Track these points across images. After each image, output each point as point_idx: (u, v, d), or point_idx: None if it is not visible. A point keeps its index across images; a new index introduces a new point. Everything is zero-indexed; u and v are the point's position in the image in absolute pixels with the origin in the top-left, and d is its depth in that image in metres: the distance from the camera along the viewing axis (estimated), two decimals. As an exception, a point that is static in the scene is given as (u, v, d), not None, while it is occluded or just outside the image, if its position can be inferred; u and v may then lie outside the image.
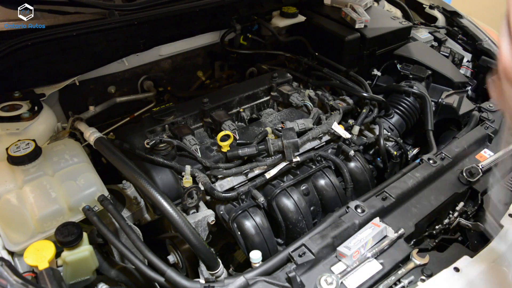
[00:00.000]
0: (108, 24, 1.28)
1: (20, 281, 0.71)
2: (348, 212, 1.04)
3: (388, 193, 1.10)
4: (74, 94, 1.41)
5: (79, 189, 0.97)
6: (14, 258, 0.91)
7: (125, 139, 1.23)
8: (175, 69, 1.70)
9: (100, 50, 1.31)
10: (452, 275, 0.88)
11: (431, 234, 1.10)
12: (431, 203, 1.11)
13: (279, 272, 0.91)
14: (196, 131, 1.37)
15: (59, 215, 0.93)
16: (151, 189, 0.92)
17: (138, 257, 0.89)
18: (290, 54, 1.76)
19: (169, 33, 1.47)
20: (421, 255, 0.92)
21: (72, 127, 1.23)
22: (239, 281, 0.85)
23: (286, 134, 1.20)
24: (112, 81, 1.53)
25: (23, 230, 0.90)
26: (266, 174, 1.20)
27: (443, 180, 1.18)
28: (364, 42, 1.69)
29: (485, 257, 0.93)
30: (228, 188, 1.19)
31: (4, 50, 1.12)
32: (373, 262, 0.92)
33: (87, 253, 0.88)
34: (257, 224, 1.10)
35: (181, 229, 0.88)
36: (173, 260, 1.09)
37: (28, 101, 1.17)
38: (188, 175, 1.12)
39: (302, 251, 0.94)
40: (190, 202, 1.10)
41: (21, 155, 0.99)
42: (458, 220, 1.10)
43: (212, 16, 1.55)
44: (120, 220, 0.93)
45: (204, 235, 1.12)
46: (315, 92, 1.55)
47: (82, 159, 1.07)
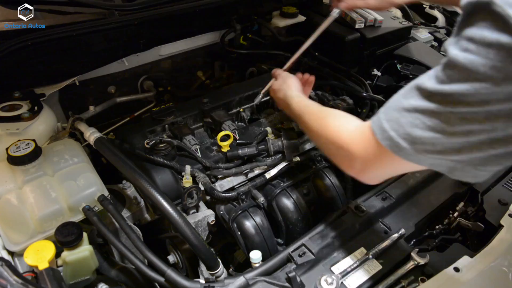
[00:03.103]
0: (108, 24, 1.28)
1: (20, 281, 0.71)
2: (348, 212, 1.05)
3: (388, 193, 1.10)
4: (74, 94, 1.41)
5: (79, 189, 0.97)
6: (14, 258, 0.91)
7: (125, 139, 1.23)
8: (175, 69, 1.70)
9: (100, 50, 1.31)
10: (452, 275, 0.89)
11: (431, 234, 1.10)
12: (431, 203, 1.11)
13: (279, 272, 0.91)
14: (196, 131, 1.37)
15: (59, 215, 0.93)
16: (151, 189, 0.92)
17: (138, 257, 0.89)
18: (290, 54, 1.76)
19: (169, 33, 1.47)
20: (421, 255, 0.92)
21: (72, 127, 1.23)
22: (239, 281, 0.85)
23: (286, 134, 1.20)
24: (112, 81, 1.53)
25: (23, 230, 0.90)
26: (266, 174, 1.20)
27: (443, 180, 1.18)
28: (364, 42, 1.69)
29: (485, 257, 0.93)
30: (228, 188, 1.19)
31: (4, 50, 1.11)
32: (373, 262, 0.92)
33: (87, 253, 0.87)
34: (257, 224, 1.10)
35: (181, 229, 0.88)
36: (173, 260, 1.09)
37: (28, 101, 1.17)
38: (188, 175, 1.12)
39: (302, 251, 0.94)
40: (190, 202, 1.10)
41: (21, 155, 0.99)
42: (458, 220, 1.09)
43: (212, 16, 1.54)
44: (120, 220, 0.93)
45: (204, 235, 1.12)
46: (315, 92, 1.55)
47: (82, 159, 1.07)
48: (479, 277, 0.89)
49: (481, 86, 0.50)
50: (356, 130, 0.75)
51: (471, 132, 0.55)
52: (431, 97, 0.57)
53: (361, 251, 0.94)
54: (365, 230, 1.01)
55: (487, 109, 0.52)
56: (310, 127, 0.91)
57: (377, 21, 1.72)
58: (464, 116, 0.54)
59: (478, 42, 0.50)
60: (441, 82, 0.56)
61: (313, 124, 0.89)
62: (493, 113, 0.52)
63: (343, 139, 0.76)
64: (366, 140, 0.70)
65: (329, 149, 0.82)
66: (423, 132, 0.59)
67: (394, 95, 0.66)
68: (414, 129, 0.60)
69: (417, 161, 0.63)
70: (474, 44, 0.51)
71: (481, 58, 0.50)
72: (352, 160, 0.74)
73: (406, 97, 0.62)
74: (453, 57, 0.53)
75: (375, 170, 0.74)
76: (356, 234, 1.00)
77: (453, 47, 0.54)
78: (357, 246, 0.96)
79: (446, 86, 0.54)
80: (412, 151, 0.61)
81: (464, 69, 0.52)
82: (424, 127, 0.59)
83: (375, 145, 0.68)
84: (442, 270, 0.89)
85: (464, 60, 0.51)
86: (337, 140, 0.78)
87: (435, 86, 0.56)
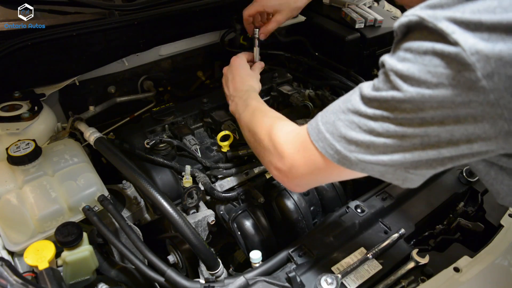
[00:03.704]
0: (108, 24, 1.28)
1: (20, 281, 0.71)
2: (348, 212, 1.05)
3: (388, 193, 1.10)
4: (74, 94, 1.41)
5: (79, 189, 0.97)
6: (14, 258, 0.91)
7: (125, 139, 1.23)
8: (175, 69, 1.70)
9: (100, 50, 1.31)
10: (452, 275, 0.89)
11: (431, 234, 1.10)
12: (431, 203, 1.11)
13: (279, 272, 0.91)
14: (196, 131, 1.37)
15: (59, 215, 0.93)
16: (151, 189, 0.92)
17: (138, 257, 0.89)
18: (290, 54, 1.76)
19: (169, 33, 1.47)
20: (421, 255, 0.92)
21: (72, 127, 1.22)
22: (239, 281, 0.85)
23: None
24: (112, 81, 1.53)
25: (23, 230, 0.90)
26: (266, 174, 1.20)
27: (443, 180, 1.18)
28: (364, 42, 1.69)
29: (485, 257, 0.93)
30: (228, 188, 1.19)
31: (4, 50, 1.12)
32: (373, 262, 0.92)
33: (87, 253, 0.87)
34: (257, 224, 1.10)
35: (181, 229, 0.88)
36: (173, 260, 1.09)
37: (28, 101, 1.17)
38: (188, 175, 1.12)
39: (302, 251, 0.94)
40: (190, 202, 1.10)
41: (21, 155, 0.99)
42: (458, 220, 1.09)
43: (212, 16, 1.54)
44: (120, 220, 0.93)
45: (204, 235, 1.12)
46: (315, 92, 1.55)
47: (82, 159, 1.07)
48: (479, 277, 0.89)
49: (416, 92, 0.52)
50: (293, 131, 0.76)
51: (404, 136, 0.56)
52: (368, 103, 0.59)
53: (361, 251, 0.94)
54: (365, 230, 1.01)
55: (421, 116, 0.53)
56: (245, 120, 0.92)
57: (377, 21, 1.72)
58: (400, 122, 0.56)
59: (414, 51, 0.52)
60: (378, 89, 0.58)
61: (251, 118, 0.90)
62: (427, 120, 0.53)
63: (277, 138, 0.76)
64: (300, 142, 0.71)
65: (260, 147, 0.83)
66: (358, 135, 0.60)
67: (334, 101, 0.68)
68: (350, 132, 0.61)
69: (348, 165, 0.64)
70: (411, 53, 0.53)
71: (417, 64, 0.52)
72: (281, 161, 0.74)
73: (345, 102, 0.64)
74: (390, 66, 0.55)
75: (302, 175, 0.73)
76: (356, 234, 1.00)
77: (389, 59, 0.56)
78: (357, 246, 0.96)
79: (383, 93, 0.56)
80: (345, 154, 0.62)
81: (401, 76, 0.53)
82: (359, 130, 0.60)
83: (307, 148, 0.68)
84: (442, 270, 0.89)
85: (402, 67, 0.53)
86: (270, 137, 0.78)
87: (372, 93, 0.58)
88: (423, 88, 0.51)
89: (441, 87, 0.50)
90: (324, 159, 0.66)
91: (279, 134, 0.77)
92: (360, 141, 0.60)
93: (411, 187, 0.64)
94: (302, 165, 0.71)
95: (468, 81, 0.48)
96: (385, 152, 0.59)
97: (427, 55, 0.51)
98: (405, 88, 0.53)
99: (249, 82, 1.11)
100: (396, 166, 0.60)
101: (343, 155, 0.63)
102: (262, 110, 0.93)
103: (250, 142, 0.93)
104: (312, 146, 0.67)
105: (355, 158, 0.62)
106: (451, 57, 0.48)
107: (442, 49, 0.49)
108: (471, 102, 0.49)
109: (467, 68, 0.47)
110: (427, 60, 0.51)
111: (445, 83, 0.50)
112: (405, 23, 0.54)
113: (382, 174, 0.63)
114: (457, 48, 0.47)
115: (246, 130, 0.93)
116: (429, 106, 0.52)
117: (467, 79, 0.48)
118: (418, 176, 0.62)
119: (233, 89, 1.10)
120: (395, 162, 0.59)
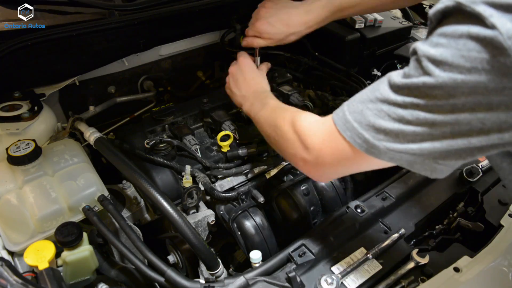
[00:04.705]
0: (108, 24, 1.28)
1: (20, 281, 0.71)
2: (348, 212, 1.05)
3: (388, 193, 1.10)
4: (74, 94, 1.41)
5: (79, 189, 0.97)
6: (14, 258, 0.91)
7: (125, 139, 1.23)
8: (175, 69, 1.70)
9: (100, 50, 1.31)
10: (452, 275, 0.89)
11: (431, 234, 1.10)
12: (431, 203, 1.11)
13: (279, 272, 0.91)
14: (196, 131, 1.37)
15: (59, 215, 0.93)
16: (151, 189, 0.92)
17: (138, 257, 0.89)
18: (290, 54, 1.76)
19: (169, 33, 1.47)
20: (421, 255, 0.92)
21: (72, 127, 1.22)
22: (239, 281, 0.85)
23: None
24: (112, 81, 1.53)
25: (23, 230, 0.90)
26: (266, 174, 1.20)
27: (443, 180, 1.18)
28: (364, 42, 1.69)
29: (485, 257, 0.93)
30: (228, 188, 1.19)
31: (4, 50, 1.11)
32: (373, 262, 0.92)
33: (87, 253, 0.87)
34: (257, 224, 1.10)
35: (181, 229, 0.88)
36: (173, 260, 1.09)
37: (28, 101, 1.17)
38: (188, 175, 1.12)
39: (302, 251, 0.94)
40: (190, 202, 1.10)
41: (21, 155, 0.99)
42: (458, 220, 1.09)
43: (212, 16, 1.54)
44: (120, 220, 0.93)
45: (204, 235, 1.12)
46: (315, 92, 1.55)
47: (82, 159, 1.07)
48: (479, 277, 0.89)
49: (449, 77, 0.51)
50: (317, 121, 0.74)
51: (434, 124, 0.55)
52: (398, 91, 0.58)
53: (361, 251, 0.94)
54: (365, 230, 1.01)
55: (452, 102, 0.52)
56: (264, 116, 0.91)
57: (377, 21, 1.72)
58: (430, 109, 0.54)
59: (449, 35, 0.51)
60: (408, 76, 0.56)
61: (271, 114, 0.89)
62: (458, 107, 0.52)
63: (302, 129, 0.75)
64: (326, 132, 0.69)
65: (283, 140, 0.81)
66: (387, 123, 0.59)
67: (361, 91, 0.66)
68: (378, 120, 0.60)
69: (377, 154, 0.62)
70: (445, 37, 0.51)
71: (450, 49, 0.50)
72: (306, 151, 0.73)
73: (373, 91, 0.62)
74: (422, 52, 0.54)
75: (329, 165, 0.72)
76: (356, 234, 1.00)
77: (422, 45, 0.55)
78: (357, 246, 0.96)
79: (414, 79, 0.55)
80: (373, 142, 0.61)
81: (434, 61, 0.52)
82: (388, 118, 0.59)
83: (334, 137, 0.67)
84: (442, 270, 0.89)
85: (435, 52, 0.52)
86: (295, 129, 0.76)
87: (402, 80, 0.57)
88: (456, 73, 0.50)
89: (474, 72, 0.48)
90: (352, 149, 0.65)
91: (304, 124, 0.75)
92: (389, 130, 0.59)
93: (439, 177, 0.63)
94: (329, 155, 0.70)
95: (503, 67, 0.46)
96: (414, 140, 0.58)
97: (461, 39, 0.49)
98: (437, 73, 0.51)
99: (262, 83, 1.11)
100: (424, 155, 0.59)
101: (371, 144, 0.61)
102: (282, 107, 0.92)
103: (270, 137, 0.90)
104: (339, 135, 0.66)
105: (383, 147, 0.60)
106: (486, 41, 0.46)
107: (478, 32, 0.47)
108: (505, 89, 0.47)
109: (503, 53, 0.45)
110: (461, 44, 0.49)
111: (478, 68, 0.48)
112: (441, 10, 0.52)
113: (411, 164, 0.62)
114: (494, 31, 0.46)
115: (267, 126, 0.91)
116: (461, 92, 0.50)
117: (502, 64, 0.46)
118: (447, 167, 0.61)
119: (246, 90, 1.09)
120: (424, 151, 0.58)
